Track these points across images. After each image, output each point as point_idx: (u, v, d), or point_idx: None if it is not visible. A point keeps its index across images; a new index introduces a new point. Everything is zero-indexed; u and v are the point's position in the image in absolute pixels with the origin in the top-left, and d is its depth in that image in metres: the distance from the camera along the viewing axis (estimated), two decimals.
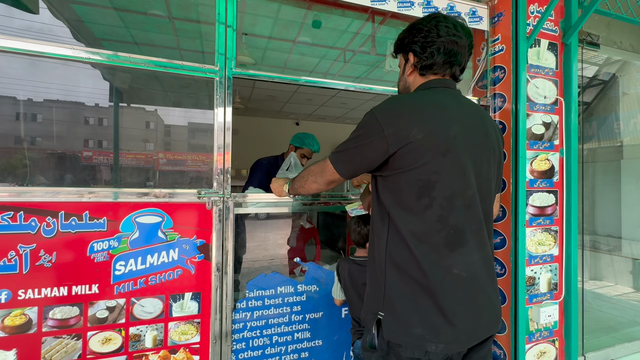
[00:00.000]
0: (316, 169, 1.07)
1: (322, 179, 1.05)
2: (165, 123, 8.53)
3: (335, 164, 0.98)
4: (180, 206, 1.31)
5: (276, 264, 4.13)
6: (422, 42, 0.94)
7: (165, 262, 1.30)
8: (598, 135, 3.83)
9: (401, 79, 1.05)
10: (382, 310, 0.88)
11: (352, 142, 0.92)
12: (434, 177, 0.84)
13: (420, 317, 0.83)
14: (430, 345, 0.82)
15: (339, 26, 3.15)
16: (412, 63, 0.97)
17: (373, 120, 0.87)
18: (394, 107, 0.87)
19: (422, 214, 0.84)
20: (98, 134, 6.79)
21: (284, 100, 5.17)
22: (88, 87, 4.52)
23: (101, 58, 1.24)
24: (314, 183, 1.09)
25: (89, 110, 6.17)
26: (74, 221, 1.19)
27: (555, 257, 1.82)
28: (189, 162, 6.01)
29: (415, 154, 0.83)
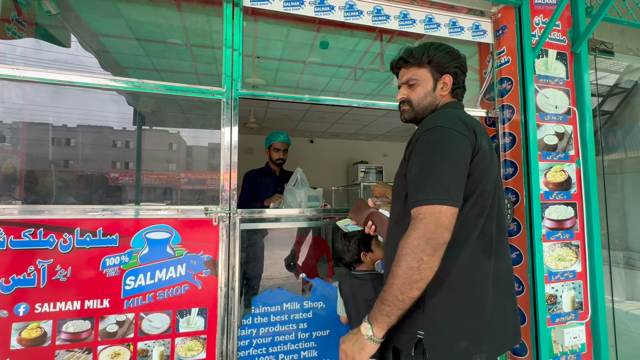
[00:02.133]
0: (421, 235, 0.76)
1: (438, 238, 0.75)
2: (187, 144, 8.84)
3: (443, 200, 0.76)
4: (188, 222, 1.35)
5: (291, 282, 4.09)
6: (462, 69, 1.05)
7: (173, 277, 1.33)
8: (624, 144, 3.65)
9: (429, 95, 1.04)
10: (422, 329, 0.83)
11: (445, 161, 0.80)
12: (487, 187, 0.89)
13: (464, 329, 0.82)
14: (475, 357, 0.81)
15: (348, 46, 3.24)
16: (449, 84, 1.03)
17: (449, 131, 0.84)
18: (455, 119, 0.90)
19: (474, 222, 0.86)
20: (124, 156, 7.14)
21: (298, 118, 5.28)
22: (113, 112, 4.81)
23: (116, 84, 1.34)
24: (431, 258, 0.75)
25: (116, 134, 6.53)
26: (89, 237, 1.25)
27: (578, 273, 1.72)
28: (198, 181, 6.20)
29: (481, 163, 0.87)
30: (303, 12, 1.55)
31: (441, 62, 1.02)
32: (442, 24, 1.75)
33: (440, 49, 1.03)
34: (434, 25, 1.74)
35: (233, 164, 1.40)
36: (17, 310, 1.17)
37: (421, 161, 0.84)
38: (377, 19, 1.67)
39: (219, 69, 3.92)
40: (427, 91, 1.03)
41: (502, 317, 0.88)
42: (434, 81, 1.03)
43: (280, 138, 2.52)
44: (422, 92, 1.03)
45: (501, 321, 0.87)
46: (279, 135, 2.53)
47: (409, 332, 0.85)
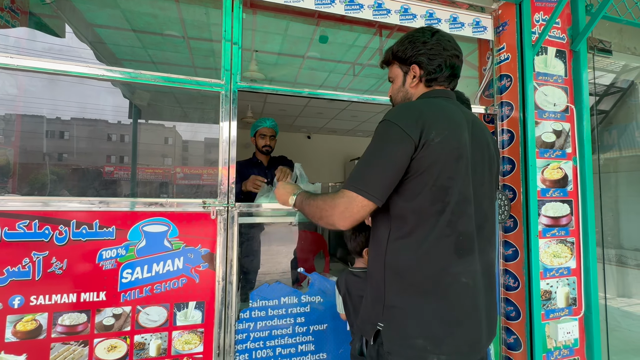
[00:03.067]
0: (336, 207, 0.85)
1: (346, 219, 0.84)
2: (183, 138, 8.78)
3: (362, 192, 0.81)
4: (185, 216, 1.34)
5: (287, 277, 4.10)
6: (429, 55, 0.95)
7: (170, 271, 1.32)
8: (619, 144, 3.69)
9: (400, 90, 1.02)
10: (381, 321, 0.86)
11: (378, 154, 0.83)
12: (448, 182, 0.83)
13: (422, 327, 0.81)
14: (432, 356, 0.79)
15: (347, 40, 3.21)
16: (418, 75, 0.97)
17: (392, 126, 0.84)
18: (409, 111, 0.86)
19: (434, 219, 0.83)
20: (119, 150, 7.07)
21: (295, 114, 5.26)
22: (108, 105, 4.75)
23: (115, 75, 1.32)
24: (332, 226, 0.87)
25: (111, 127, 6.46)
26: (85, 229, 1.24)
27: (572, 270, 1.74)
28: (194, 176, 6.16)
29: (432, 157, 0.82)
30: (303, 4, 1.54)
31: (404, 55, 0.97)
32: (442, 20, 1.74)
33: (404, 41, 0.98)
34: (435, 21, 1.73)
35: (232, 158, 1.39)
36: (12, 303, 1.16)
37: (364, 152, 0.88)
38: (377, 13, 1.66)
39: (216, 63, 3.88)
40: (398, 87, 1.02)
41: (474, 323, 0.84)
42: (403, 75, 1.00)
43: (266, 123, 2.40)
44: (395, 88, 1.03)
45: (473, 327, 0.84)
46: (265, 121, 2.41)
47: (371, 323, 0.88)
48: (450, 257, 0.83)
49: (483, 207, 0.91)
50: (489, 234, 0.93)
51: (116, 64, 3.59)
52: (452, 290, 0.82)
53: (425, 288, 0.82)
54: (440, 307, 0.81)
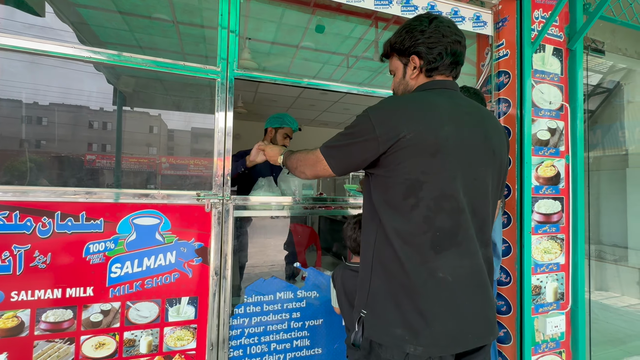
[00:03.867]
0: (308, 160, 1.04)
1: (311, 171, 1.03)
2: (168, 127, 8.56)
3: (327, 158, 0.96)
4: (178, 208, 1.29)
5: (276, 270, 4.08)
6: (428, 44, 0.91)
7: (162, 265, 1.27)
8: (603, 143, 3.80)
9: (401, 83, 1.00)
10: (365, 309, 0.89)
11: (345, 139, 0.92)
12: (422, 177, 0.82)
13: (401, 318, 0.83)
14: (410, 347, 0.80)
15: (343, 31, 3.16)
16: (417, 66, 0.94)
17: (366, 119, 0.87)
18: (386, 106, 0.88)
19: (408, 214, 0.83)
20: (102, 138, 6.83)
21: (287, 105, 5.17)
22: (92, 91, 4.55)
23: (103, 57, 1.24)
24: (302, 174, 1.07)
25: (94, 114, 6.22)
26: (70, 222, 1.17)
27: (561, 265, 1.78)
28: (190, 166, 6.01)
29: (404, 153, 0.82)
30: None
31: (403, 46, 0.95)
32: (443, 12, 1.72)
33: (401, 31, 0.95)
34: (436, 13, 1.70)
35: (227, 149, 1.34)
36: None
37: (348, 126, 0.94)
38: (379, 3, 1.62)
39: (208, 50, 3.76)
40: (399, 79, 1.00)
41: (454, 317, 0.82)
42: (403, 67, 0.98)
43: (294, 125, 2.35)
44: (396, 81, 1.02)
45: (453, 321, 0.82)
46: (293, 122, 2.34)
47: (357, 310, 0.92)
48: (428, 252, 0.82)
49: (474, 202, 0.87)
50: (481, 230, 0.90)
51: (100, 47, 3.42)
52: (429, 284, 0.82)
53: (403, 280, 0.83)
54: (417, 300, 0.81)
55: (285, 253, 2.23)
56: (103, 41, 3.36)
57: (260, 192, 1.51)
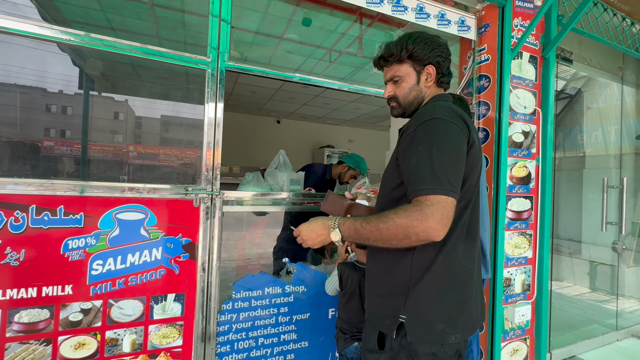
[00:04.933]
0: (416, 220, 0.77)
1: (443, 226, 0.77)
2: (136, 114, 8.12)
3: (451, 188, 0.78)
4: (165, 202, 1.24)
5: (254, 264, 4.05)
6: (443, 57, 1.01)
7: (147, 262, 1.22)
8: (564, 145, 4.09)
9: (414, 89, 1.03)
10: (404, 314, 0.88)
11: (446, 150, 0.82)
12: (476, 182, 0.92)
13: (442, 312, 0.87)
14: (450, 337, 0.86)
15: (327, 25, 3.14)
16: (433, 75, 1.01)
17: (447, 123, 0.85)
18: (451, 112, 0.89)
19: (458, 214, 0.88)
20: (59, 123, 6.34)
21: (266, 97, 5.08)
22: (55, 73, 4.20)
23: (83, 42, 1.15)
24: (421, 240, 0.79)
25: (52, 97, 5.75)
26: (47, 216, 1.09)
27: (529, 259, 1.92)
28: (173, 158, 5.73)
29: (474, 159, 0.89)
30: None
31: (421, 55, 0.99)
32: (431, 15, 1.76)
33: (418, 40, 0.99)
34: (424, 15, 1.74)
35: (217, 141, 1.31)
36: None
37: (421, 150, 0.83)
38: (370, 1, 1.62)
39: (186, 36, 3.59)
40: (411, 86, 1.02)
41: (474, 302, 0.94)
42: (416, 74, 1.02)
43: (365, 170, 2.63)
44: (407, 88, 1.03)
45: (473, 305, 0.93)
46: (366, 169, 2.64)
47: (392, 317, 0.90)
48: (462, 247, 0.90)
49: (479, 199, 0.98)
50: (479, 223, 1.01)
51: (65, 26, 3.16)
52: (460, 274, 0.90)
53: (445, 276, 0.88)
54: (454, 291, 0.89)
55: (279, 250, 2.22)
56: (69, 19, 3.11)
57: (249, 187, 1.49)
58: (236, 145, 6.03)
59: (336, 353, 1.47)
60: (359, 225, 0.87)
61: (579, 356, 2.36)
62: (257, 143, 6.25)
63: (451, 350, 0.88)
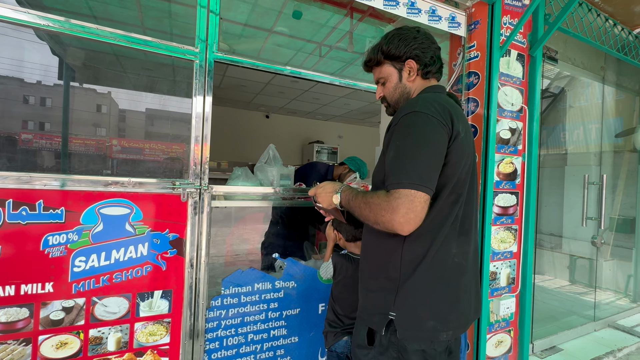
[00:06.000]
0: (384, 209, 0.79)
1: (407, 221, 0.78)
2: (120, 107, 7.90)
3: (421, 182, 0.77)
4: (152, 197, 1.21)
5: (252, 260, 4.01)
6: (422, 49, 0.98)
7: (133, 258, 1.19)
8: (547, 143, 4.20)
9: (397, 87, 1.03)
10: (393, 310, 0.87)
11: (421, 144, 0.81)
12: (465, 176, 0.90)
13: (432, 309, 0.87)
14: (442, 334, 0.86)
15: (318, 19, 3.11)
16: (415, 69, 0.99)
17: (426, 116, 0.83)
18: (433, 104, 0.87)
19: (448, 209, 0.88)
20: (38, 115, 6.11)
21: (255, 91, 5.01)
22: (33, 62, 4.02)
23: (63, 28, 1.10)
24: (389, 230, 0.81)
25: (32, 88, 5.54)
26: (25, 211, 1.04)
27: (514, 253, 1.97)
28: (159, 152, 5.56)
29: (460, 151, 0.87)
30: None
31: (397, 52, 0.99)
32: (422, 10, 1.76)
33: (392, 39, 1.00)
34: (416, 11, 1.74)
35: (205, 136, 1.27)
36: None
37: (397, 145, 0.83)
38: None
39: (173, 27, 3.48)
40: (395, 84, 1.03)
41: (467, 298, 0.93)
42: (397, 72, 1.02)
43: (365, 175, 2.67)
44: (391, 87, 1.04)
45: (466, 302, 0.93)
46: (367, 172, 2.67)
47: (381, 313, 0.90)
48: (454, 243, 0.90)
49: (470, 192, 0.97)
50: (475, 218, 1.01)
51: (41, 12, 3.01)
52: (452, 270, 0.89)
53: (435, 273, 0.87)
54: (445, 289, 0.88)
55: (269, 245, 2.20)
56: (46, 5, 2.97)
57: (238, 182, 1.47)
58: (224, 139, 5.93)
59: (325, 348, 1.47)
60: (352, 196, 0.94)
61: (559, 346, 2.45)
62: (246, 138, 6.17)
63: (441, 347, 0.88)
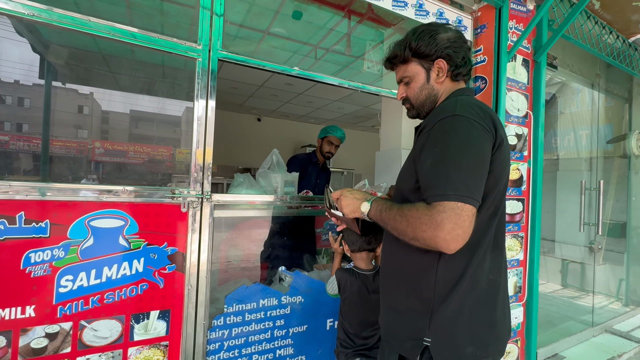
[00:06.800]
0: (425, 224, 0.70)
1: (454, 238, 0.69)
2: (102, 109, 7.66)
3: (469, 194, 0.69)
4: (148, 207, 1.09)
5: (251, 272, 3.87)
6: (454, 48, 0.90)
7: (126, 275, 1.07)
8: None
9: (424, 87, 0.94)
10: (428, 336, 0.79)
11: (466, 152, 0.73)
12: (504, 187, 0.84)
13: (471, 334, 0.80)
14: None
15: (315, 21, 3.04)
16: (444, 70, 0.91)
17: (469, 121, 0.75)
18: (475, 108, 0.79)
19: (487, 222, 0.81)
20: (15, 116, 5.82)
21: (247, 94, 4.89)
22: (11, 61, 3.80)
23: (50, 19, 0.98)
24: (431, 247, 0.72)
25: (9, 88, 5.25)
26: (3, 224, 0.92)
27: (520, 261, 1.93)
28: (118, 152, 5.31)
29: (502, 160, 0.81)
30: None
31: (427, 50, 0.90)
32: (430, 12, 1.71)
33: (422, 35, 0.91)
34: (423, 13, 1.69)
35: (208, 142, 1.17)
36: None
37: (437, 152, 0.75)
38: None
39: (164, 27, 3.35)
40: (421, 85, 0.95)
41: (502, 319, 0.86)
42: (425, 72, 0.93)
43: (337, 133, 2.53)
44: (417, 87, 0.95)
45: (502, 323, 0.86)
46: (336, 131, 2.53)
47: (414, 339, 0.82)
48: (491, 260, 0.83)
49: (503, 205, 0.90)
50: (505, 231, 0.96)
51: None
52: (488, 289, 0.82)
53: (473, 293, 0.80)
54: (483, 310, 0.81)
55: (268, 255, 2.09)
56: None
57: (241, 190, 1.37)
58: (214, 143, 5.78)
59: None
60: (385, 207, 0.84)
61: (561, 353, 2.43)
62: (237, 141, 6.03)
63: None
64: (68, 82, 4.38)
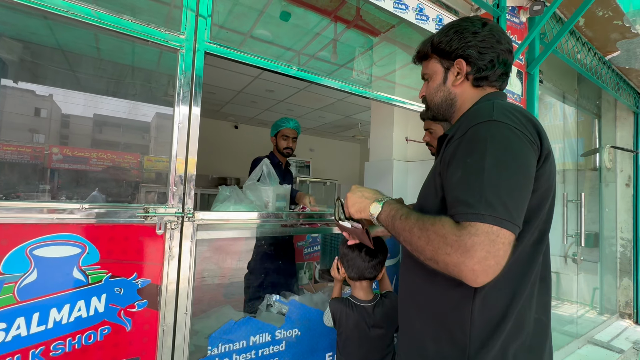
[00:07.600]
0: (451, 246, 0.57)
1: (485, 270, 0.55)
2: (62, 112, 7.07)
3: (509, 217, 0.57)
4: (114, 229, 0.88)
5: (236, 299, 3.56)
6: (480, 48, 0.76)
7: (82, 318, 0.84)
8: None
9: (440, 89, 0.83)
10: None
11: (507, 165, 0.60)
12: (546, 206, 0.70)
13: None
14: None
15: (301, 25, 2.93)
16: (463, 72, 0.78)
17: (510, 128, 0.63)
18: (515, 112, 0.67)
19: (532, 249, 0.69)
20: None
21: (225, 100, 4.66)
22: None
23: None
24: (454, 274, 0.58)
25: None
26: None
27: None
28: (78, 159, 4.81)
29: (548, 174, 0.68)
30: None
31: (449, 47, 0.78)
32: (430, 18, 1.64)
33: (447, 30, 0.80)
34: (424, 17, 1.61)
35: (191, 150, 0.98)
36: None
37: (469, 163, 0.62)
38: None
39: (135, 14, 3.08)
40: (437, 85, 0.83)
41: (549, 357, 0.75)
42: (444, 72, 0.82)
43: (289, 124, 2.20)
44: (433, 87, 0.84)
45: None
46: (288, 122, 2.21)
47: None
48: (539, 293, 0.71)
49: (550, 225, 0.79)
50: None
51: None
52: (534, 331, 0.70)
53: (517, 338, 0.67)
54: (528, 356, 0.68)
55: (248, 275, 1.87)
56: None
57: (229, 206, 1.17)
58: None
59: None
60: (399, 213, 0.70)
61: None
62: (212, 149, 5.73)
63: None
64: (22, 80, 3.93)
